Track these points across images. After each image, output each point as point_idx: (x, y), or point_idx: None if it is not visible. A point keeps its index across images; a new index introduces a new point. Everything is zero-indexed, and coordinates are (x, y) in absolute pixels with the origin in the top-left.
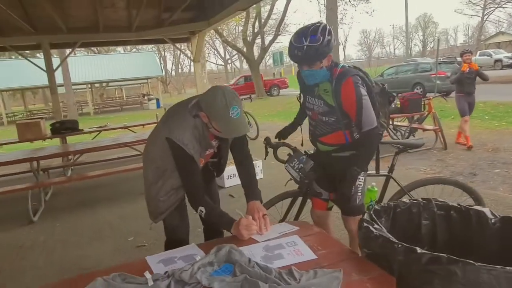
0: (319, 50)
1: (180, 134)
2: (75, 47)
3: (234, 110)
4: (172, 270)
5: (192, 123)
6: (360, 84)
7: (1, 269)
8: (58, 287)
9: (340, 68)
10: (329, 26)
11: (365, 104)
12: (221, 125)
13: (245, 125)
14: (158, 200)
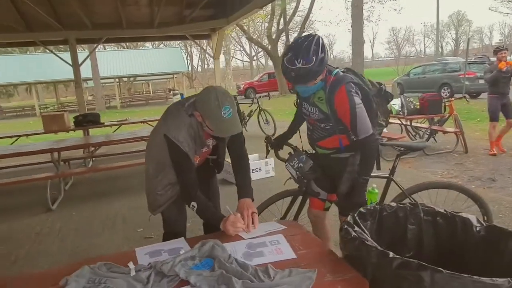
0: (312, 70)
1: (176, 132)
2: (99, 43)
3: (226, 110)
4: (155, 262)
5: (188, 122)
6: (354, 92)
7: (18, 253)
8: (49, 273)
9: (334, 76)
10: (322, 40)
11: (359, 113)
12: (213, 125)
13: (237, 125)
14: (156, 193)
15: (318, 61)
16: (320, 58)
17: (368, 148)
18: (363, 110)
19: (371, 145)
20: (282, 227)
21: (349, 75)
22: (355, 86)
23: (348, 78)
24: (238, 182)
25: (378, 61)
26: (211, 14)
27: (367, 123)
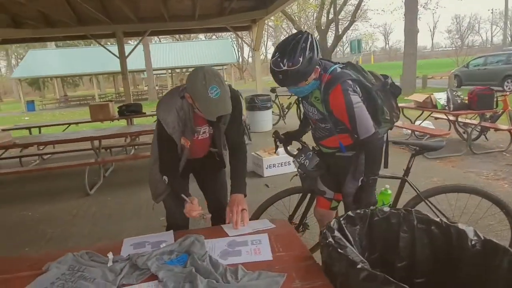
0: (300, 71)
1: (164, 113)
2: (144, 36)
3: (213, 90)
4: (132, 254)
5: (179, 104)
6: (351, 91)
7: (53, 233)
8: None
9: (329, 74)
10: (311, 38)
11: (357, 112)
12: (200, 105)
13: (226, 105)
14: (157, 180)
15: (305, 61)
16: (308, 58)
17: (371, 147)
18: (362, 109)
19: (374, 144)
20: (271, 225)
21: (347, 72)
22: (353, 84)
23: (345, 75)
24: (231, 175)
25: (438, 51)
26: (251, 5)
27: (367, 122)
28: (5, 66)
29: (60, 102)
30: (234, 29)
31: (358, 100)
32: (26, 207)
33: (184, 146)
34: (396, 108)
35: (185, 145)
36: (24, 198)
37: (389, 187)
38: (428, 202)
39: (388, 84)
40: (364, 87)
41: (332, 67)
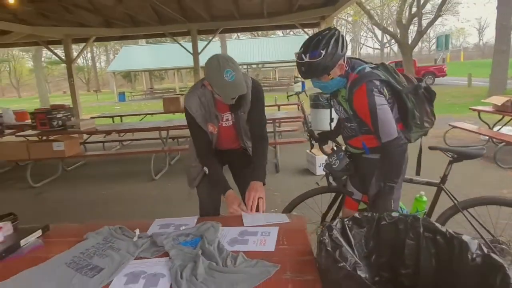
0: (321, 65)
1: (188, 101)
2: (216, 33)
3: (228, 73)
4: (155, 233)
5: (201, 91)
6: (377, 92)
7: (118, 211)
8: (84, 227)
9: (356, 73)
10: (339, 34)
11: (380, 115)
12: (218, 89)
13: (241, 87)
14: (190, 166)
15: (327, 55)
16: (331, 52)
17: (391, 152)
18: (386, 111)
19: (395, 150)
20: (286, 220)
21: (375, 72)
22: (380, 85)
23: (373, 76)
24: (253, 164)
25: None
26: (321, 1)
27: (390, 126)
28: (104, 61)
29: (146, 94)
30: (302, 26)
31: (382, 102)
32: (103, 187)
33: (212, 133)
34: (430, 114)
35: (213, 132)
36: (102, 178)
37: (424, 193)
38: (466, 213)
39: (421, 88)
40: (393, 89)
41: (361, 66)
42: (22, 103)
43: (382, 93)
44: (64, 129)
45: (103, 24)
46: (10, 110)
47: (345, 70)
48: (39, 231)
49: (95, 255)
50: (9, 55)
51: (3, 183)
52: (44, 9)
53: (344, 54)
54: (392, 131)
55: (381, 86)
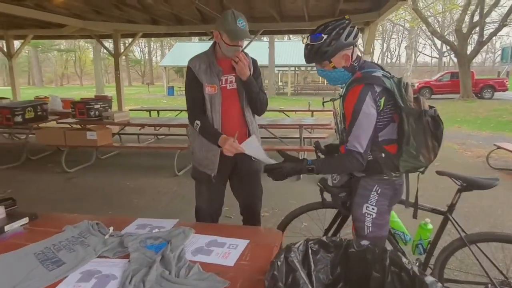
0: (320, 49)
1: (192, 60)
2: (257, 35)
3: (240, 22)
4: (126, 233)
5: (205, 53)
6: (371, 98)
7: (137, 203)
8: (67, 218)
9: (361, 72)
10: (347, 25)
11: (359, 121)
12: (229, 33)
13: (248, 34)
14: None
15: (328, 40)
16: (333, 37)
17: (345, 159)
18: (369, 121)
19: (350, 160)
20: (270, 161)
21: (382, 79)
22: (380, 92)
23: (377, 80)
24: None
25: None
26: (366, 7)
27: (363, 136)
28: (160, 55)
29: None
30: None
31: (371, 112)
32: (129, 178)
33: (212, 94)
34: (430, 148)
35: (212, 92)
36: (130, 169)
37: (429, 221)
38: (474, 248)
39: (425, 115)
40: (395, 103)
41: (371, 69)
42: (82, 90)
43: (377, 102)
44: (100, 119)
45: (150, 21)
46: (58, 97)
47: (351, 63)
48: (26, 218)
49: (64, 248)
50: (75, 46)
51: (42, 166)
52: (96, 5)
53: (348, 43)
54: (362, 143)
55: (380, 95)
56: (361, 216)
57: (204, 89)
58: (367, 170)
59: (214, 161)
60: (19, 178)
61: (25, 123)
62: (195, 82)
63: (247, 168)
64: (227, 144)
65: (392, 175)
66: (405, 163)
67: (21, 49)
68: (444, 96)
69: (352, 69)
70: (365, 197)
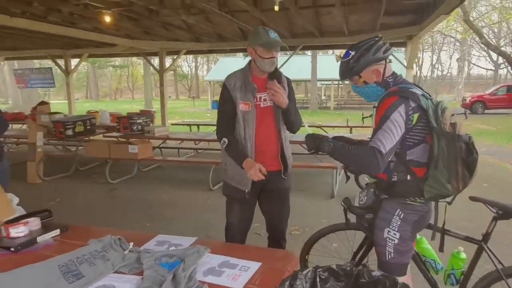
0: (348, 65)
1: (228, 78)
2: (296, 50)
3: (272, 33)
4: (144, 249)
5: (241, 71)
6: (403, 111)
7: (169, 215)
8: (94, 231)
9: (398, 87)
10: (377, 42)
11: (387, 125)
12: (264, 45)
13: (281, 43)
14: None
15: (356, 56)
16: (360, 54)
17: (365, 153)
18: (395, 129)
19: (369, 156)
20: None
21: (419, 96)
22: (414, 108)
23: (413, 96)
24: None
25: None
26: (408, 20)
27: (387, 141)
28: (206, 70)
29: None
30: None
31: (399, 121)
32: (165, 190)
33: (245, 111)
34: (459, 176)
35: (246, 110)
36: (168, 182)
37: (463, 250)
38: (511, 282)
39: (459, 140)
40: (428, 123)
41: (408, 85)
42: (133, 104)
43: (409, 117)
44: (142, 133)
45: (193, 39)
46: (107, 112)
47: (383, 78)
48: (57, 230)
49: (85, 262)
50: (128, 62)
51: (89, 176)
52: (145, 26)
53: (377, 58)
54: (385, 145)
55: (415, 110)
56: (382, 241)
57: (237, 106)
58: (390, 192)
59: (247, 177)
60: (68, 187)
61: (75, 136)
62: (229, 99)
63: (277, 187)
64: (253, 169)
65: (416, 201)
66: (430, 188)
67: (77, 67)
68: (499, 111)
69: (385, 84)
70: (387, 220)
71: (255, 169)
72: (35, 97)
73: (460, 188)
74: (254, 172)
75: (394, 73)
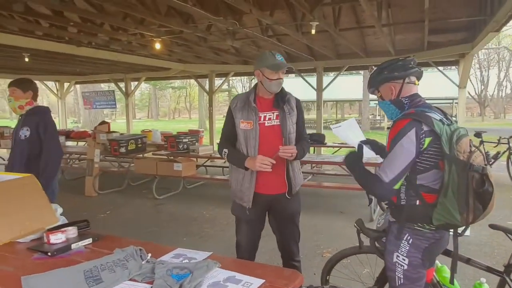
0: (371, 78)
1: (233, 99)
2: (341, 71)
3: (279, 56)
4: (159, 260)
5: (246, 94)
6: (414, 135)
7: (207, 233)
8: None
9: (415, 109)
10: (403, 62)
11: (395, 152)
12: (271, 67)
13: (287, 65)
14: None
15: (378, 70)
16: (381, 69)
17: (371, 179)
18: (403, 155)
19: (374, 182)
20: None
21: (434, 121)
22: (426, 132)
23: (426, 119)
24: None
25: None
26: (459, 38)
27: (393, 168)
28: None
29: None
30: (436, 64)
31: (409, 146)
32: (206, 207)
33: (246, 129)
34: (470, 208)
35: (247, 128)
36: (209, 199)
37: (485, 281)
38: None
39: (471, 168)
40: (441, 149)
41: (426, 108)
42: (189, 123)
43: (419, 141)
44: (187, 152)
45: (240, 62)
46: (158, 131)
47: (396, 97)
48: (90, 239)
49: (107, 269)
50: (186, 83)
51: (139, 192)
52: (196, 51)
53: (395, 76)
54: (388, 173)
55: (427, 134)
56: (391, 265)
57: (238, 124)
58: (398, 215)
59: (248, 194)
60: (118, 201)
61: (128, 153)
62: (230, 118)
63: (283, 211)
64: (258, 158)
65: (425, 227)
66: (438, 216)
67: (136, 89)
68: None
69: (400, 104)
70: (396, 245)
71: (259, 160)
72: (100, 117)
73: (469, 220)
74: (259, 163)
75: (415, 95)
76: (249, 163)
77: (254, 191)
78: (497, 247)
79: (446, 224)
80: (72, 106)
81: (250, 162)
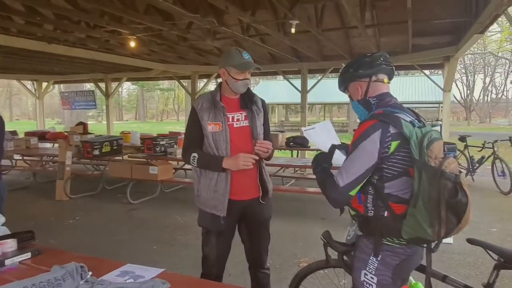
0: (339, 77)
1: (197, 100)
2: (326, 73)
3: (246, 55)
4: (100, 280)
5: (210, 94)
6: (379, 138)
7: (179, 241)
8: (65, 256)
9: (384, 109)
10: (373, 59)
11: (354, 155)
12: (237, 67)
13: (254, 64)
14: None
15: (345, 69)
16: (347, 67)
17: (329, 182)
18: (363, 159)
19: (330, 185)
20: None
21: (403, 122)
22: (393, 135)
23: (395, 121)
24: None
25: None
26: (445, 41)
27: (349, 172)
28: None
29: (276, 125)
30: (421, 67)
31: (371, 150)
32: (182, 213)
33: (214, 132)
34: (442, 221)
35: (215, 131)
36: (187, 205)
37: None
38: None
39: (442, 176)
40: (411, 154)
41: (396, 109)
42: (176, 125)
43: (384, 145)
44: (164, 155)
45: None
46: (138, 133)
47: (363, 97)
48: (28, 253)
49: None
50: (174, 85)
51: (114, 196)
52: (178, 52)
53: (360, 74)
54: (344, 177)
55: (394, 137)
56: (359, 285)
57: (206, 127)
58: (365, 229)
59: (222, 201)
60: (90, 206)
61: (102, 156)
62: (196, 121)
63: (256, 216)
64: (240, 156)
65: (394, 241)
66: (408, 228)
67: (116, 90)
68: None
69: (367, 104)
70: (363, 261)
71: (243, 158)
72: (83, 118)
73: (441, 234)
74: (243, 161)
75: (384, 95)
76: (228, 163)
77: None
78: (481, 256)
79: (417, 238)
80: (57, 106)
81: (229, 162)
